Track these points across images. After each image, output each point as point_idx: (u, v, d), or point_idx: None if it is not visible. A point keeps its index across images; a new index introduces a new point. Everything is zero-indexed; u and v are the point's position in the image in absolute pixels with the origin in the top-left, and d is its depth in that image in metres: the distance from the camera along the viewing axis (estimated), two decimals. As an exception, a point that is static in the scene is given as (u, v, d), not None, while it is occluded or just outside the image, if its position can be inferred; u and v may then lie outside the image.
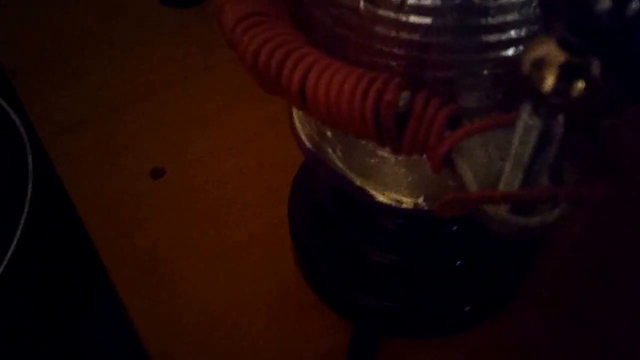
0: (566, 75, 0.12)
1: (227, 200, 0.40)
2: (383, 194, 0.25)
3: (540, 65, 0.13)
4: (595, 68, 0.12)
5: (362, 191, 0.25)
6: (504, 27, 0.18)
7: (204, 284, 0.36)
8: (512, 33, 0.19)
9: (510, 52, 0.19)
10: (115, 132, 0.44)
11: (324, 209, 0.34)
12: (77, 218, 0.39)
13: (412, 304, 0.33)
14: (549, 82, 0.13)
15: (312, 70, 0.19)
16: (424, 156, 0.20)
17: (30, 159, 0.44)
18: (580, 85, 0.12)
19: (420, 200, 0.24)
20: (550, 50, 0.13)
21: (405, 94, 0.18)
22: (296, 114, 0.28)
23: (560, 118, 0.14)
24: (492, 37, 0.19)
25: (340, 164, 0.25)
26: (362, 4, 0.20)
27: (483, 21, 0.18)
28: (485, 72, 0.20)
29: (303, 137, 0.27)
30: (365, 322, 0.33)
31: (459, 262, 0.32)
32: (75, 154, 0.42)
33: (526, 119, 0.14)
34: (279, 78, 0.19)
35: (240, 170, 0.42)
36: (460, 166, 0.18)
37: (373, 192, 0.25)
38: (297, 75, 0.19)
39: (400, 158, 0.24)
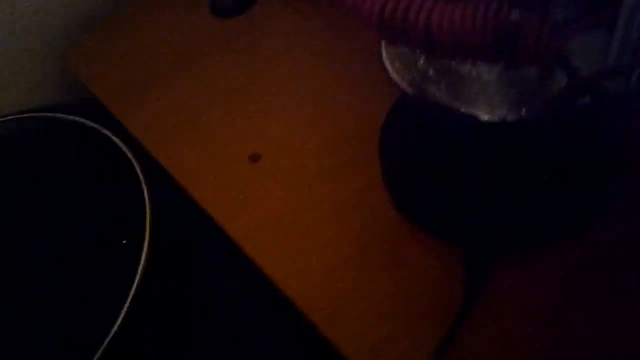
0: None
1: (320, 170, 0.45)
2: (488, 113, 0.29)
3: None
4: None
5: (469, 116, 0.30)
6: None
7: (321, 239, 0.41)
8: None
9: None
10: (211, 130, 0.49)
11: (417, 151, 0.39)
12: (196, 208, 0.45)
13: (509, 216, 0.37)
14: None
15: (434, 10, 0.24)
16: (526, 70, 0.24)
17: (138, 169, 0.50)
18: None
19: (523, 111, 0.29)
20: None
21: (516, 13, 0.23)
22: (392, 67, 0.33)
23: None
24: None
25: (445, 97, 0.30)
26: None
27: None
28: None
29: (405, 86, 0.32)
30: (475, 242, 0.37)
31: (546, 175, 0.36)
32: (182, 153, 0.48)
33: (630, 3, 0.19)
34: (405, 24, 0.24)
35: (325, 142, 0.46)
36: (570, 60, 0.22)
37: (479, 113, 0.29)
38: (422, 17, 0.24)
39: (501, 79, 0.28)
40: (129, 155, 0.51)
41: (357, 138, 0.46)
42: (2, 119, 0.52)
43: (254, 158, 0.47)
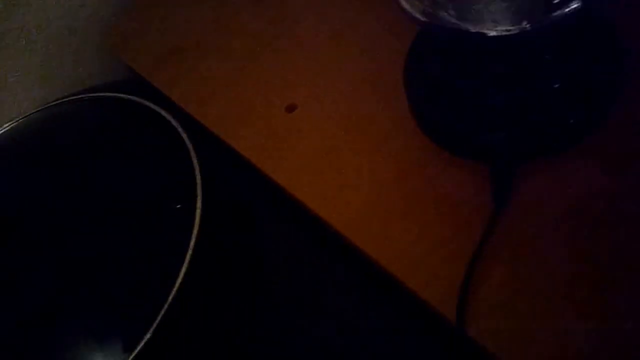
0: None
1: (351, 111, 0.49)
2: (494, 29, 0.33)
3: None
4: None
5: (477, 34, 0.33)
6: None
7: (359, 173, 0.45)
8: None
9: None
10: (246, 88, 0.54)
11: (437, 77, 0.43)
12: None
13: (528, 126, 0.40)
14: None
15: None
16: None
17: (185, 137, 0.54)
18: None
19: (524, 24, 0.32)
20: None
21: None
22: (405, 0, 0.36)
23: None
24: None
25: (454, 20, 0.34)
26: None
27: None
28: None
29: (418, 15, 0.36)
30: (499, 155, 0.41)
31: (556, 85, 0.40)
32: (222, 112, 0.53)
33: None
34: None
35: (354, 86, 0.50)
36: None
37: (486, 31, 0.33)
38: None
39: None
40: (173, 123, 0.56)
41: (383, 78, 0.49)
42: (68, 99, 0.57)
43: (290, 109, 0.52)
